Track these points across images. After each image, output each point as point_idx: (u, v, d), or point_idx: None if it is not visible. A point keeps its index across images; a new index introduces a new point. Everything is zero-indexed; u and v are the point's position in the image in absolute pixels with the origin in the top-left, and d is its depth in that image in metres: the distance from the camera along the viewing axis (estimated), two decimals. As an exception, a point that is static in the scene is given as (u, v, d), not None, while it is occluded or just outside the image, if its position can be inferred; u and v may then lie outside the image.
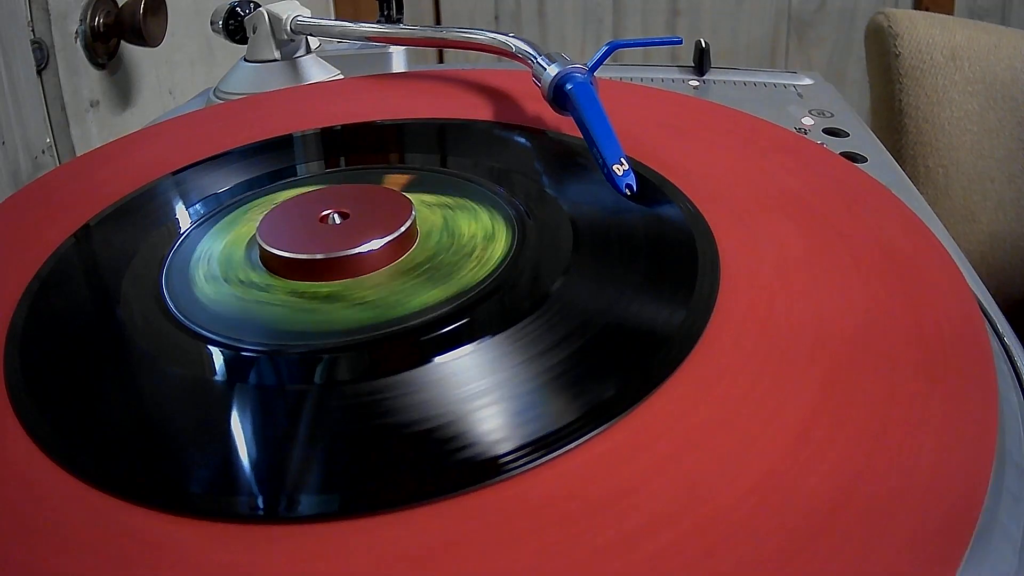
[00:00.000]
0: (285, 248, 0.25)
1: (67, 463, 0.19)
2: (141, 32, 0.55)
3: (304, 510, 0.17)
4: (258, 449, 0.19)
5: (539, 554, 0.16)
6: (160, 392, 0.21)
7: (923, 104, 0.63)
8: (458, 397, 0.20)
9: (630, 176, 0.27)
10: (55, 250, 0.28)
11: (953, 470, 0.17)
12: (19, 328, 0.24)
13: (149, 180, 0.32)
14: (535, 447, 0.18)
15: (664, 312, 0.22)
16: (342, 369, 0.21)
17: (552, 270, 0.24)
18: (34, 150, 0.51)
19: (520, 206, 0.27)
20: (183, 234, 0.28)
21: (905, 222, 0.26)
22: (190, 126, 0.38)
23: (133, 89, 0.62)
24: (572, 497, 0.17)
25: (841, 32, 1.13)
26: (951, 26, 0.64)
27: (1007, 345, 0.24)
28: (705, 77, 0.51)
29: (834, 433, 0.18)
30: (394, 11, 0.55)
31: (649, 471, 0.17)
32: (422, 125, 0.35)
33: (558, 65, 0.32)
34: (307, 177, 0.32)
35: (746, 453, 0.18)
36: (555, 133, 0.33)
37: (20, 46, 0.49)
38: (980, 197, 0.63)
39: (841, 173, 0.29)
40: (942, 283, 0.23)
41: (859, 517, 0.16)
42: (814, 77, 0.51)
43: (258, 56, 0.47)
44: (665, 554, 0.16)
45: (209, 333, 0.23)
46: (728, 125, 0.33)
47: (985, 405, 0.19)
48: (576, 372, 0.20)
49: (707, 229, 0.25)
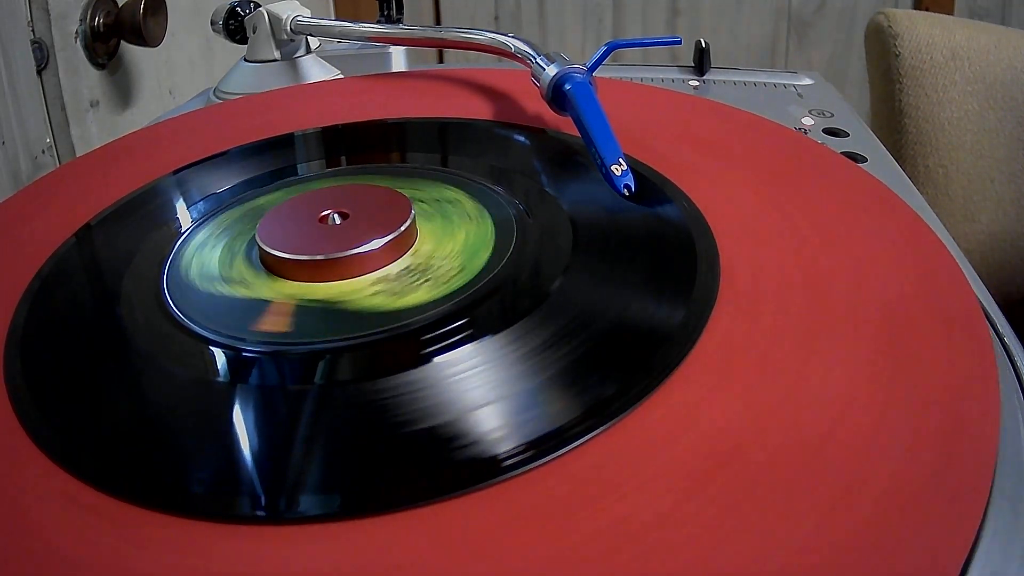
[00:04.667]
0: (284, 249, 0.25)
1: (67, 463, 0.19)
2: (141, 32, 0.55)
3: (304, 510, 0.17)
4: (258, 449, 0.19)
5: (539, 554, 0.16)
6: (160, 392, 0.21)
7: (923, 104, 0.63)
8: (458, 397, 0.20)
9: (628, 176, 0.27)
10: (55, 250, 0.28)
11: (954, 470, 0.17)
12: (19, 328, 0.24)
13: (149, 180, 0.32)
14: (535, 447, 0.18)
15: (664, 311, 0.22)
16: (342, 369, 0.21)
17: (552, 269, 0.24)
18: (34, 150, 0.51)
19: (520, 206, 0.27)
20: (183, 234, 0.28)
21: (906, 222, 0.26)
22: (190, 126, 0.38)
23: (133, 89, 0.62)
24: (572, 496, 0.17)
25: (841, 32, 1.13)
26: (951, 26, 0.64)
27: (1007, 345, 0.24)
28: (705, 77, 0.51)
29: (833, 433, 0.18)
30: (394, 11, 0.55)
31: (649, 470, 0.17)
32: (422, 125, 0.35)
33: (557, 65, 0.32)
34: (307, 177, 0.32)
35: (746, 453, 0.18)
36: (555, 133, 0.33)
37: (20, 46, 0.49)
38: (980, 197, 0.63)
39: (842, 173, 0.29)
40: (943, 283, 0.23)
41: (860, 520, 0.16)
42: (814, 77, 0.51)
43: (258, 56, 0.47)
44: (666, 553, 0.16)
45: (209, 333, 0.23)
46: (728, 123, 0.33)
47: (986, 405, 0.19)
48: (576, 371, 0.20)
49: (707, 229, 0.25)
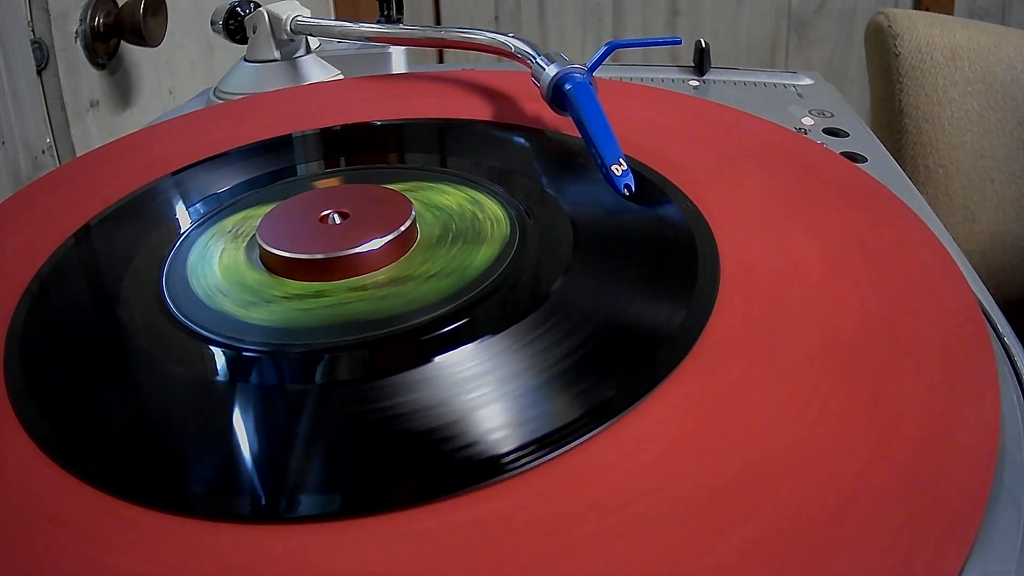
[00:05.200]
0: (285, 248, 0.25)
1: (67, 463, 0.19)
2: (141, 32, 0.55)
3: (304, 510, 0.17)
4: (258, 449, 0.19)
5: (540, 553, 0.16)
6: (160, 392, 0.21)
7: (923, 104, 0.63)
8: (458, 396, 0.20)
9: (628, 176, 0.27)
10: (55, 250, 0.28)
11: (954, 470, 0.17)
12: (19, 328, 0.24)
13: (149, 180, 0.32)
14: (536, 446, 0.18)
15: (664, 311, 0.22)
16: (342, 369, 0.21)
17: (552, 270, 0.24)
18: (34, 150, 0.51)
19: (520, 206, 0.27)
20: (183, 234, 0.28)
21: (906, 222, 0.26)
22: (190, 126, 0.38)
23: (133, 89, 0.61)
24: (572, 496, 0.17)
25: (841, 32, 1.13)
26: (951, 26, 0.64)
27: (1007, 345, 0.24)
28: (705, 77, 0.51)
29: (833, 433, 0.18)
30: (394, 11, 0.55)
31: (650, 470, 0.17)
32: (422, 125, 0.35)
33: (557, 65, 0.32)
34: (307, 177, 0.32)
35: (746, 452, 0.18)
36: (555, 133, 0.33)
37: (20, 46, 0.49)
38: (980, 197, 0.63)
39: (842, 173, 0.29)
40: (943, 283, 0.23)
41: (860, 517, 0.16)
42: (814, 77, 0.51)
43: (258, 56, 0.47)
44: (666, 551, 0.16)
45: (209, 333, 0.23)
46: (728, 124, 0.33)
47: (986, 405, 0.19)
48: (577, 371, 0.20)
49: (707, 229, 0.25)
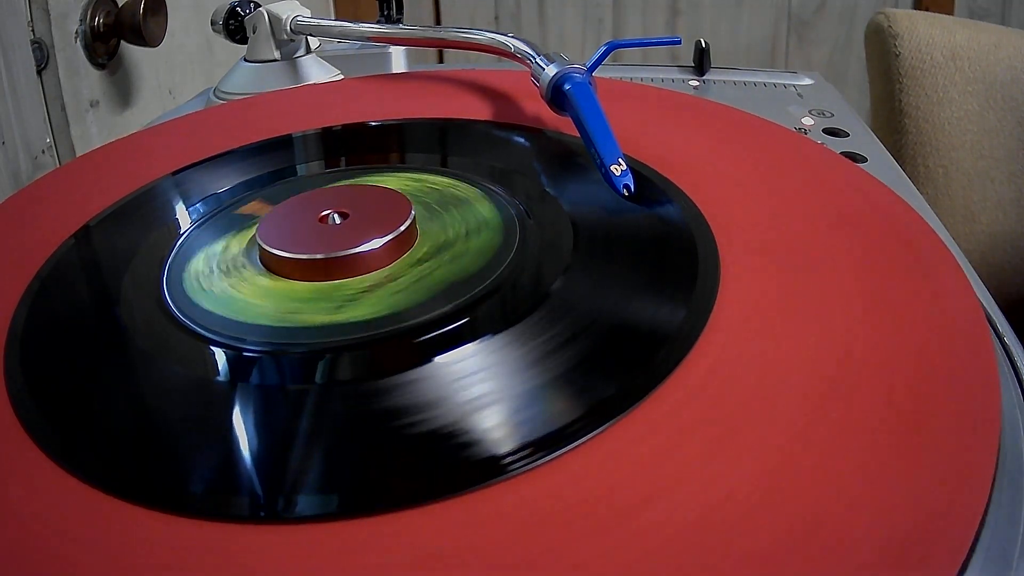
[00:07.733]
0: (285, 248, 0.25)
1: (67, 463, 0.19)
2: (141, 32, 0.55)
3: (304, 510, 0.17)
4: (258, 449, 0.19)
5: (540, 553, 0.16)
6: (160, 392, 0.21)
7: (923, 104, 0.63)
8: (459, 397, 0.20)
9: (628, 176, 0.27)
10: (55, 250, 0.28)
11: (954, 470, 0.17)
12: (19, 328, 0.24)
13: (149, 180, 0.32)
14: (536, 447, 0.18)
15: (664, 311, 0.22)
16: (342, 369, 0.21)
17: (552, 269, 0.24)
18: (34, 150, 0.51)
19: (520, 206, 0.27)
20: (183, 234, 0.28)
21: (907, 222, 0.26)
22: (190, 126, 0.38)
23: (133, 89, 0.61)
24: (573, 496, 0.17)
25: (841, 32, 1.13)
26: (951, 26, 0.64)
27: (1007, 345, 0.24)
28: (705, 77, 0.51)
29: (833, 433, 0.18)
30: (394, 11, 0.55)
31: (650, 470, 0.17)
32: (422, 125, 0.35)
33: (556, 65, 0.32)
34: (307, 177, 0.32)
35: (746, 452, 0.18)
36: (555, 133, 0.33)
37: (20, 46, 0.49)
38: (980, 197, 0.63)
39: (842, 173, 0.29)
40: (945, 283, 0.23)
41: (859, 517, 0.16)
42: (814, 77, 0.51)
43: (258, 56, 0.47)
44: (666, 551, 0.16)
45: (210, 333, 0.23)
46: (728, 124, 0.33)
47: (986, 405, 0.19)
48: (577, 371, 0.20)
49: (707, 229, 0.25)
